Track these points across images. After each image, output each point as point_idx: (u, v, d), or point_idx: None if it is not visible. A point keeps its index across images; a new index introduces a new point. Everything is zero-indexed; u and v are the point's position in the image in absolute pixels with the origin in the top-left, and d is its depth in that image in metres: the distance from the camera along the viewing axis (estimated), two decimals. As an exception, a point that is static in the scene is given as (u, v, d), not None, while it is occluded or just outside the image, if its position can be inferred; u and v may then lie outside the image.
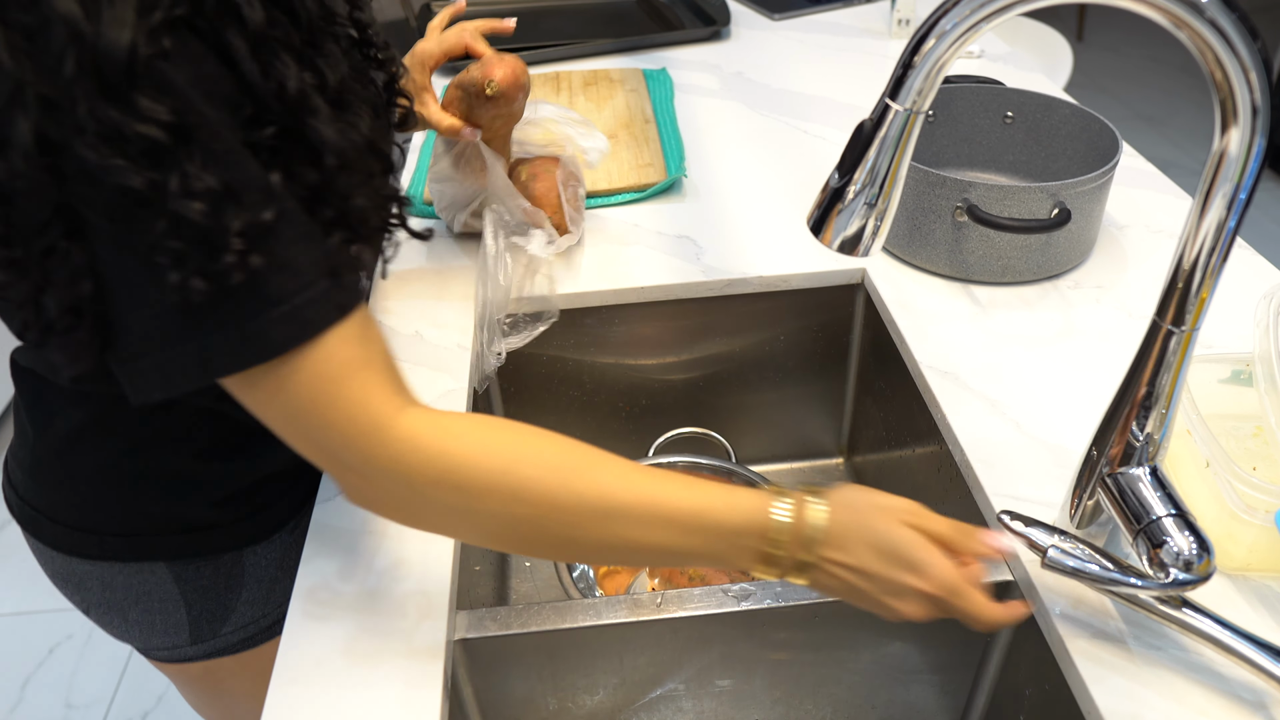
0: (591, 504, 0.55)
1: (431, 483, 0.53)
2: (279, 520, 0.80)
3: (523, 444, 0.56)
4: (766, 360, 1.07)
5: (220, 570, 0.78)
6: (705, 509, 0.55)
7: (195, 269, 0.47)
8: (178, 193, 0.45)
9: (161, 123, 0.45)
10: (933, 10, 0.51)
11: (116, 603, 0.78)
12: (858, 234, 0.58)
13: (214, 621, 0.80)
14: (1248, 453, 0.72)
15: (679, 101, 1.41)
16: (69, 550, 0.76)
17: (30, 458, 0.75)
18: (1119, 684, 0.60)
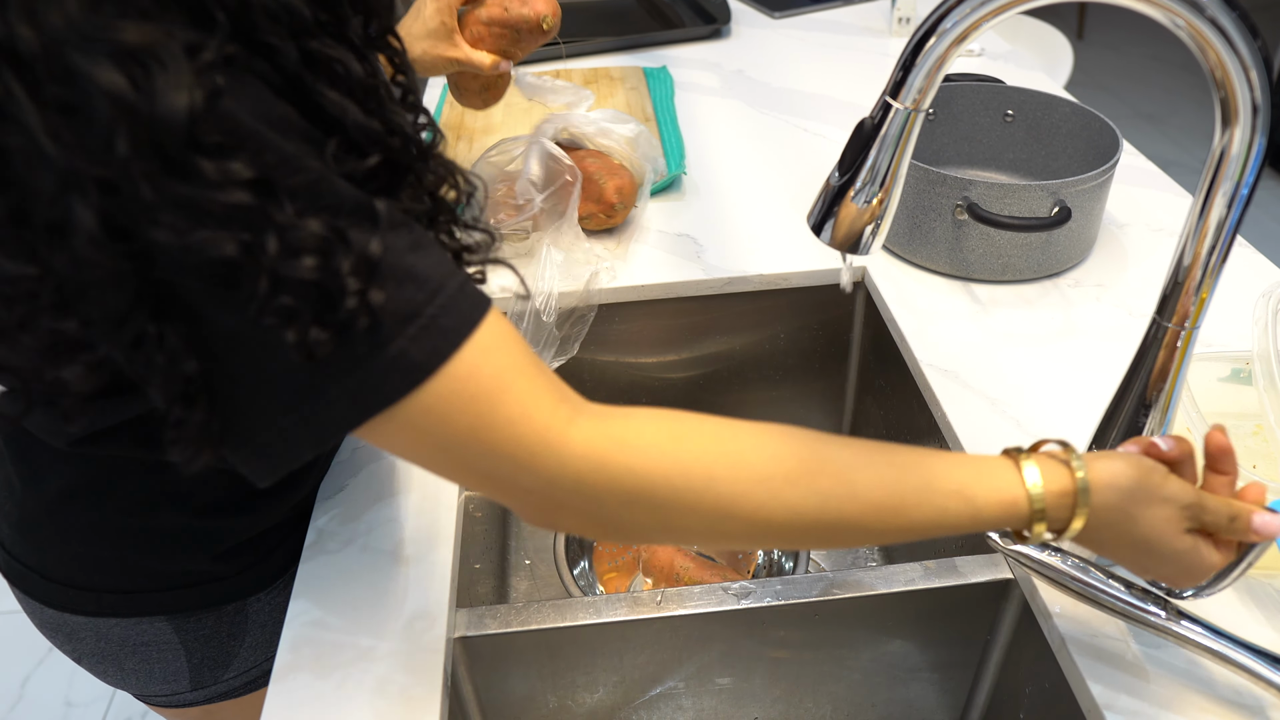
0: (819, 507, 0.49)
1: (624, 504, 0.48)
2: (281, 567, 0.77)
3: (717, 452, 0.49)
4: (766, 359, 1.07)
5: (223, 620, 0.75)
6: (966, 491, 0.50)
7: (312, 320, 0.41)
8: (278, 254, 0.39)
9: (241, 182, 0.39)
10: (933, 9, 0.51)
11: (112, 653, 0.75)
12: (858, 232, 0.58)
13: (215, 668, 0.78)
14: (1248, 451, 0.72)
15: (679, 100, 1.40)
16: (62, 607, 0.73)
17: (19, 513, 0.71)
18: (1118, 683, 0.60)
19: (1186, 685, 0.59)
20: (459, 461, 0.47)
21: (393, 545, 0.72)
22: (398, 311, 0.43)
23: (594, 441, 0.47)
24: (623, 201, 1.03)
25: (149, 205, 0.38)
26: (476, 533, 0.87)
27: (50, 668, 1.75)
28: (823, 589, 0.70)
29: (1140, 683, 0.60)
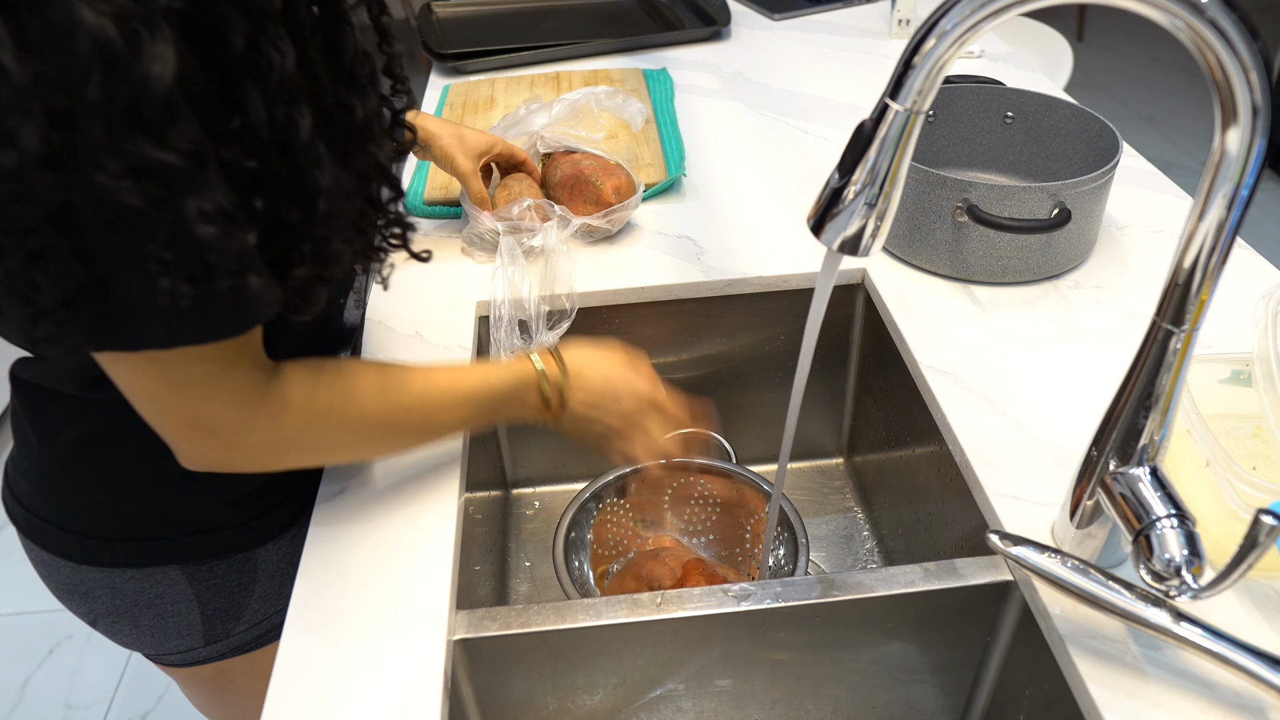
0: (412, 407, 0.68)
1: (295, 427, 0.63)
2: (288, 519, 0.81)
3: (356, 377, 0.66)
4: (766, 360, 1.07)
5: (233, 569, 0.79)
6: (488, 381, 0.72)
7: (185, 278, 0.49)
8: (195, 215, 0.47)
9: (183, 150, 0.45)
10: (933, 10, 0.51)
11: (127, 609, 0.78)
12: (858, 234, 0.58)
13: (227, 620, 0.81)
14: (1248, 453, 0.72)
15: (679, 101, 1.41)
16: (80, 559, 0.75)
17: (36, 469, 0.74)
18: (1118, 684, 0.60)
19: (1186, 687, 0.59)
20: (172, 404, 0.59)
21: (392, 548, 0.71)
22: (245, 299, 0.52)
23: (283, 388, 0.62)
24: (621, 199, 1.03)
25: (96, 145, 0.44)
26: (476, 535, 0.87)
27: (50, 669, 1.75)
28: (822, 591, 0.69)
29: (1140, 684, 0.60)
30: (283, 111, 0.50)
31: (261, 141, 0.50)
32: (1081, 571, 0.59)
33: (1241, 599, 0.64)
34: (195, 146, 0.46)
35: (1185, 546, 0.56)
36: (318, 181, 0.53)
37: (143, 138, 0.44)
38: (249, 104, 0.48)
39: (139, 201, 0.46)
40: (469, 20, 1.77)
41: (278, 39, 0.48)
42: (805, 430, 1.14)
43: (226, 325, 0.54)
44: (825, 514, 1.10)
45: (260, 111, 0.49)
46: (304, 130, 0.51)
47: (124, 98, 0.43)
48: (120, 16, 0.42)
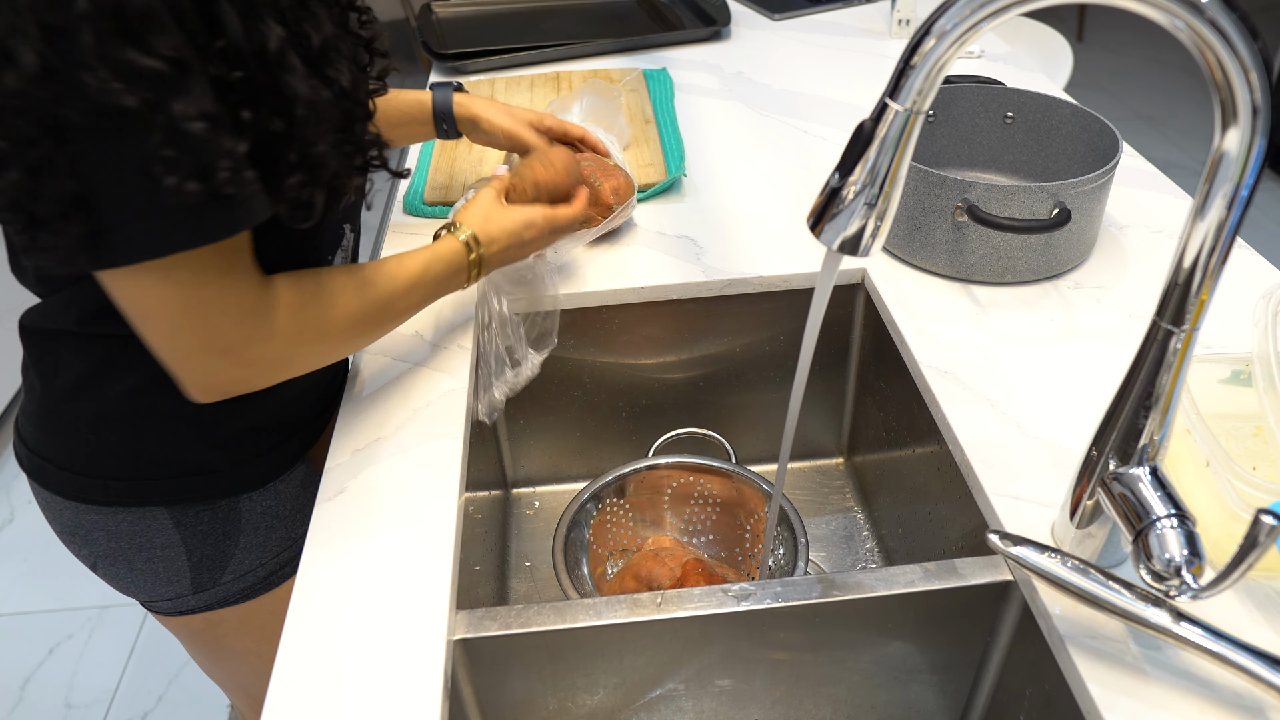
0: (382, 299, 0.75)
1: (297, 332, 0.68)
2: (274, 469, 0.85)
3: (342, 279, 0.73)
4: (766, 360, 1.07)
5: (219, 515, 0.82)
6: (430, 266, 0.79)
7: (189, 174, 0.54)
8: (181, 115, 0.52)
9: (166, 57, 0.51)
10: (933, 10, 0.51)
11: (121, 552, 0.82)
12: (858, 234, 0.58)
13: (214, 569, 0.84)
14: (1248, 453, 0.72)
15: (679, 101, 1.41)
16: (74, 496, 0.79)
17: (37, 410, 0.79)
18: (1118, 684, 0.60)
19: (1186, 687, 0.59)
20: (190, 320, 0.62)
21: (392, 548, 0.71)
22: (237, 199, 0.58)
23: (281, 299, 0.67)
24: (620, 200, 1.02)
25: (87, 53, 0.49)
26: (476, 535, 0.87)
27: (50, 669, 1.75)
28: (822, 591, 0.70)
29: (1140, 684, 0.60)
30: (252, 24, 0.55)
31: (242, 54, 0.56)
32: (1081, 571, 0.59)
33: (1241, 599, 0.64)
34: (178, 54, 0.52)
35: (1185, 546, 0.56)
36: (294, 89, 0.59)
37: (129, 45, 0.50)
38: (224, 18, 0.54)
39: (131, 102, 0.51)
40: (469, 20, 1.77)
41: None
42: (805, 430, 1.14)
43: (220, 226, 0.58)
44: (825, 514, 1.11)
45: (235, 24, 0.55)
46: (273, 40, 0.57)
47: (109, 7, 0.49)
48: None
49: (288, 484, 0.86)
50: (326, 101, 0.62)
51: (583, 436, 1.11)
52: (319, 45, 0.62)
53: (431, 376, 0.88)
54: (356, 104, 0.67)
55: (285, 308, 0.67)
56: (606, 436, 1.11)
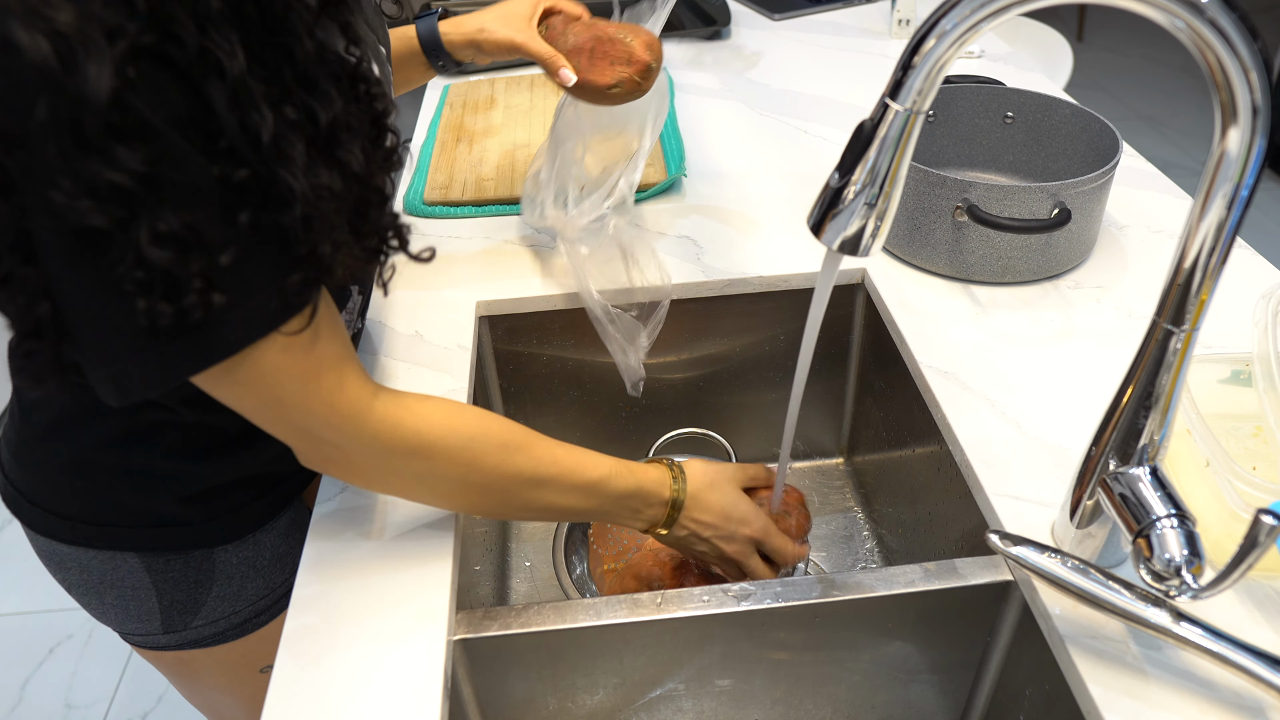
0: (528, 475, 0.68)
1: (405, 455, 0.64)
2: (252, 522, 0.80)
3: (478, 424, 0.67)
4: (767, 361, 1.07)
5: (190, 565, 0.79)
6: (607, 478, 0.71)
7: (161, 297, 0.49)
8: (144, 239, 0.47)
9: (134, 172, 0.45)
10: (933, 10, 0.51)
11: (93, 585, 0.80)
12: (858, 234, 0.58)
13: (184, 614, 0.81)
14: (1248, 453, 0.72)
15: (679, 101, 1.41)
16: (45, 533, 0.78)
17: (17, 439, 0.77)
18: (1118, 684, 0.60)
19: (1186, 687, 0.59)
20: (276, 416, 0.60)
21: (392, 547, 0.71)
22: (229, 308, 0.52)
23: (390, 409, 0.63)
24: (655, 58, 0.90)
25: (49, 167, 0.44)
26: (476, 535, 0.87)
27: (50, 670, 1.75)
28: (822, 591, 0.70)
29: (1140, 684, 0.60)
30: (244, 113, 0.49)
31: (240, 149, 0.50)
32: (1081, 571, 0.59)
33: (1241, 599, 0.64)
34: (150, 168, 0.46)
35: (1185, 546, 0.56)
36: (290, 185, 0.52)
37: (93, 157, 0.44)
38: (215, 108, 0.48)
39: (101, 221, 0.46)
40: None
41: (224, 41, 0.47)
42: (805, 430, 1.14)
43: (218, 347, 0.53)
44: (825, 514, 1.10)
45: (226, 114, 0.48)
46: (267, 130, 0.50)
47: (67, 117, 0.43)
48: (55, 33, 0.42)
49: (269, 534, 0.82)
50: (333, 193, 0.55)
51: (583, 436, 1.11)
52: (327, 124, 0.55)
53: (432, 376, 0.88)
54: (371, 189, 0.61)
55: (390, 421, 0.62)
56: (606, 436, 1.11)
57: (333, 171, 0.55)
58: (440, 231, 1.09)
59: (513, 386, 1.05)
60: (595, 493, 0.70)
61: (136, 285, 0.48)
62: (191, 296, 0.49)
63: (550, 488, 0.69)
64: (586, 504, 0.71)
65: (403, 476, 0.66)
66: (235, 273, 0.51)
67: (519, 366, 1.04)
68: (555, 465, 0.69)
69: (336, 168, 0.55)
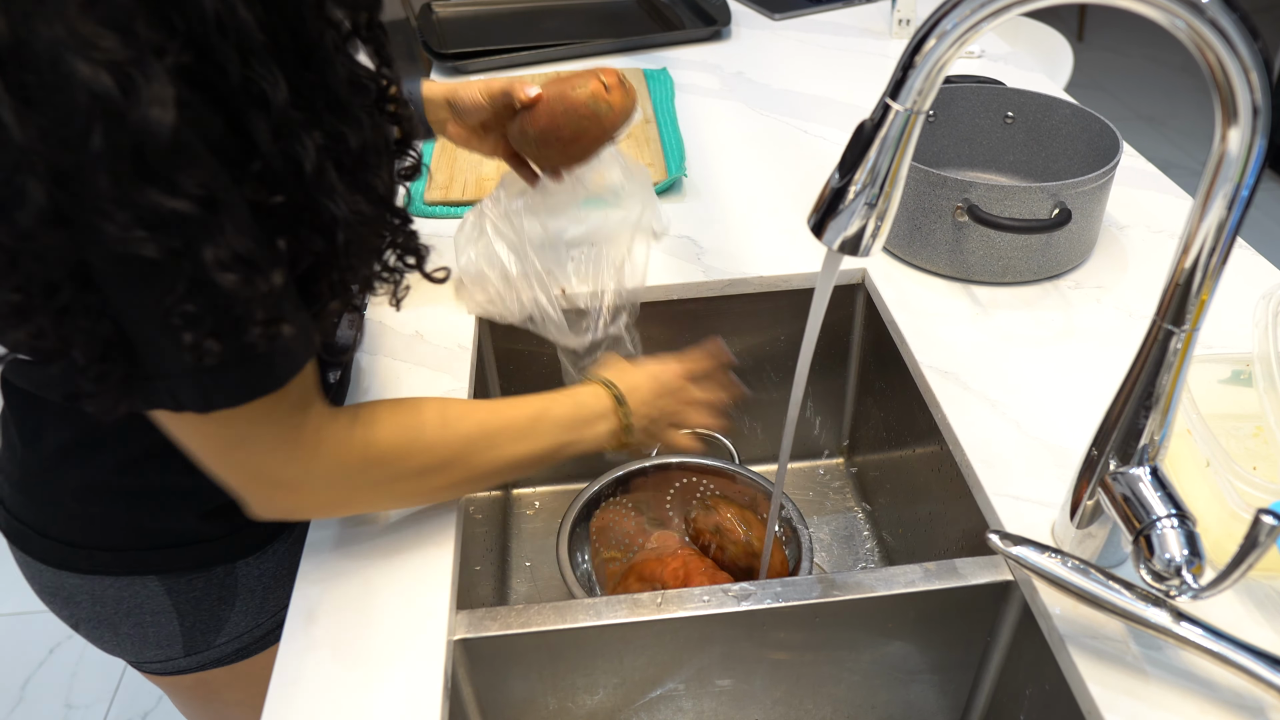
0: (476, 436, 0.67)
1: (361, 469, 0.62)
2: (270, 533, 0.80)
3: (415, 410, 0.66)
4: (767, 361, 1.07)
5: (212, 583, 0.78)
6: (546, 407, 0.71)
7: (210, 331, 0.48)
8: (213, 264, 0.46)
9: (194, 197, 0.44)
10: (933, 10, 0.51)
11: (107, 617, 0.78)
12: (858, 234, 0.58)
13: (208, 633, 0.80)
14: (1248, 453, 0.72)
15: (679, 101, 1.41)
16: (58, 564, 0.75)
17: (19, 472, 0.74)
18: (1118, 684, 0.60)
19: (1186, 687, 0.59)
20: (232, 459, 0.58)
21: (393, 547, 0.71)
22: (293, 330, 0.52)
23: (339, 429, 0.61)
24: (624, 81, 0.85)
25: (104, 198, 0.43)
26: (477, 535, 0.87)
27: (50, 670, 1.75)
28: (823, 591, 0.70)
29: (1140, 684, 0.60)
30: (287, 143, 0.49)
31: (280, 177, 0.49)
32: (1081, 571, 0.59)
33: (1241, 599, 0.64)
34: (207, 191, 0.45)
35: (1185, 546, 0.56)
36: (333, 211, 0.52)
37: (151, 186, 0.43)
38: (258, 139, 0.47)
39: (154, 253, 0.45)
40: (469, 20, 1.77)
41: (267, 71, 0.47)
42: (805, 430, 1.14)
43: (262, 381, 0.53)
44: (825, 514, 1.11)
45: (269, 145, 0.48)
46: (309, 160, 0.49)
47: (127, 146, 0.42)
48: (113, 64, 0.41)
49: (286, 543, 0.81)
50: (365, 218, 0.55)
51: (583, 436, 1.11)
52: (358, 148, 0.54)
53: (432, 376, 0.88)
54: (394, 210, 0.61)
55: (356, 443, 0.62)
56: (607, 436, 1.11)
57: (363, 196, 0.55)
58: (441, 231, 1.09)
59: (513, 386, 1.05)
60: (543, 427, 0.71)
61: (184, 319, 0.47)
62: (257, 328, 0.49)
63: (501, 439, 0.68)
64: (544, 442, 0.71)
65: (363, 490, 0.65)
66: (287, 299, 0.51)
67: (519, 366, 1.04)
68: (497, 416, 0.69)
69: (365, 191, 0.55)
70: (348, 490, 0.64)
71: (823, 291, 0.65)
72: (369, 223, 0.56)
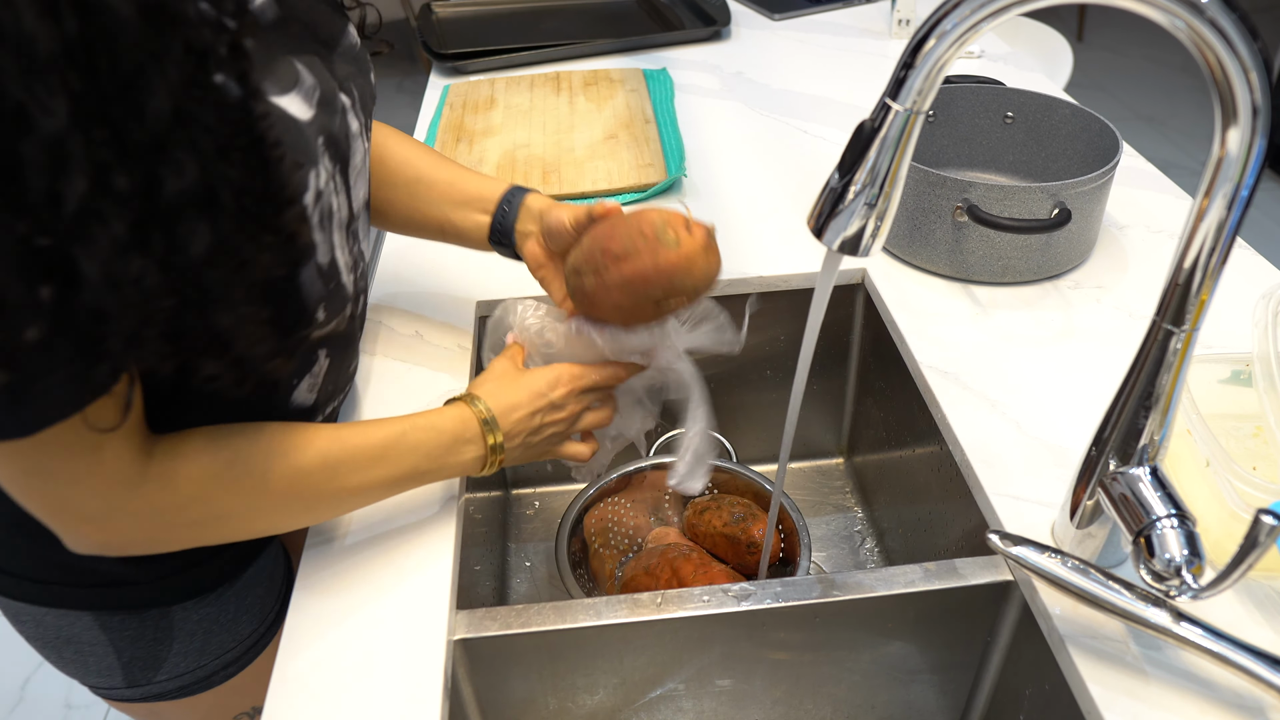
0: (316, 466, 0.62)
1: (174, 505, 0.57)
2: (211, 582, 0.76)
3: (244, 441, 0.60)
4: (766, 361, 1.07)
5: (146, 623, 0.75)
6: (402, 433, 0.66)
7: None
8: None
9: None
10: (933, 10, 0.51)
11: (49, 641, 0.76)
12: (858, 234, 0.58)
13: (146, 669, 0.78)
14: (1248, 453, 0.72)
15: (679, 101, 1.41)
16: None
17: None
18: (1118, 684, 0.60)
19: (1186, 687, 0.59)
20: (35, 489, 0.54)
21: (393, 547, 0.71)
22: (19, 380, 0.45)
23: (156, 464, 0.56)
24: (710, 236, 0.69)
25: None
26: (477, 535, 0.87)
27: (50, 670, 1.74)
28: (822, 591, 0.70)
29: (1140, 684, 0.60)
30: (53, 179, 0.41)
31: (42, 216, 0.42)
32: (1081, 571, 0.59)
33: (1241, 599, 0.64)
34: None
35: (1185, 546, 0.56)
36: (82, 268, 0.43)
37: None
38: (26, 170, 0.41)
39: None
40: (469, 20, 1.77)
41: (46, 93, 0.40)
42: (805, 430, 1.14)
43: (8, 423, 0.48)
44: (825, 514, 1.11)
45: (34, 177, 0.41)
46: (71, 202, 0.41)
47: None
48: None
49: (231, 589, 0.77)
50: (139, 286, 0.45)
51: (583, 436, 1.11)
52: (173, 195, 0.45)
53: (431, 377, 0.88)
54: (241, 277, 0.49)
55: (177, 476, 0.57)
56: (606, 436, 1.11)
57: (149, 260, 0.45)
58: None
59: (513, 386, 1.05)
60: (396, 455, 0.66)
61: None
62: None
63: (345, 470, 0.64)
64: (396, 471, 0.66)
65: (182, 529, 0.60)
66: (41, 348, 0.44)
67: (519, 366, 1.04)
68: (342, 444, 0.64)
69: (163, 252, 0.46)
70: (163, 528, 0.59)
71: (822, 291, 0.65)
72: (144, 292, 0.45)
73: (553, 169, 1.20)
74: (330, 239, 0.62)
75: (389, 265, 1.03)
